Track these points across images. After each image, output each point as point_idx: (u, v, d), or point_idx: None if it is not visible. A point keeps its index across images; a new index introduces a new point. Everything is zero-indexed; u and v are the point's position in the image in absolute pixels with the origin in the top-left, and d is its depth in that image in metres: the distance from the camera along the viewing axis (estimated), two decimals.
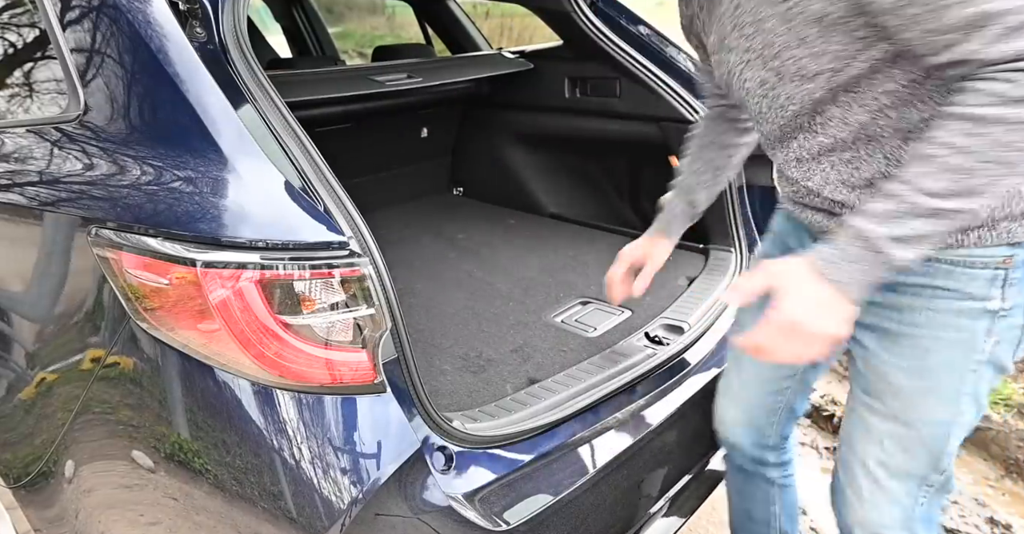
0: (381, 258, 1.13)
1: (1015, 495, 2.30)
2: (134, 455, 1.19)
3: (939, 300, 1.09)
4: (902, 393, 1.15)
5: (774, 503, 1.59)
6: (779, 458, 1.55)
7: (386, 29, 12.83)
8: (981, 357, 1.09)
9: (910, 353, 1.13)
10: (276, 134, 1.16)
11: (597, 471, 1.35)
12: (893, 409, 1.17)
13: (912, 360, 1.13)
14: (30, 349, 1.38)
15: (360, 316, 1.10)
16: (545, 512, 1.25)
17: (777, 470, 1.56)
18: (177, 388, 1.12)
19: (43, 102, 1.44)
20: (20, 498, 1.49)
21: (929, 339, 1.11)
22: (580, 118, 2.57)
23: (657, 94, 2.19)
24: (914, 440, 1.16)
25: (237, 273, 1.03)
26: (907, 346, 1.13)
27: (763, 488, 1.58)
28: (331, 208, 1.13)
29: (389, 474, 1.09)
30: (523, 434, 1.33)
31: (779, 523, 1.61)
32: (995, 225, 1.03)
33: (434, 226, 2.76)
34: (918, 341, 1.12)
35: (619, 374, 1.53)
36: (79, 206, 1.22)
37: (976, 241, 1.04)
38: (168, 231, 1.07)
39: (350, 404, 1.10)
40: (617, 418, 1.46)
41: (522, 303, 1.99)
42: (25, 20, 1.50)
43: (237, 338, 1.05)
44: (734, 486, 1.65)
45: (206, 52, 1.18)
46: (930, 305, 1.10)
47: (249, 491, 1.09)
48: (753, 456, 1.53)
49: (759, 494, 1.59)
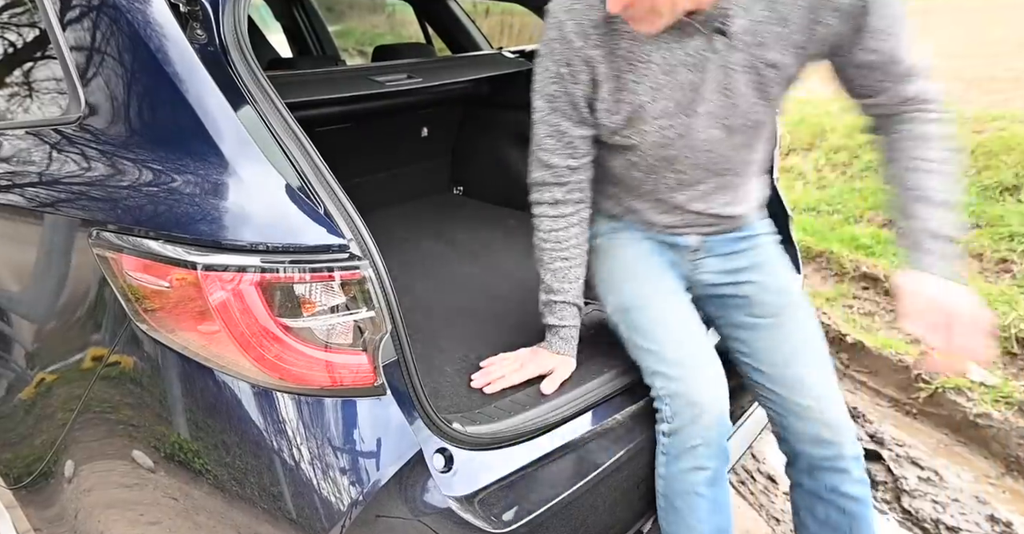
0: (381, 260, 1.13)
1: (1016, 493, 2.31)
2: (134, 455, 1.19)
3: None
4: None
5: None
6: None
7: (386, 27, 12.83)
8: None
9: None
10: (276, 136, 1.16)
11: (597, 472, 1.36)
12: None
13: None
14: (31, 350, 1.38)
15: (360, 319, 1.10)
16: (545, 513, 1.26)
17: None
18: (177, 389, 1.13)
19: (44, 104, 1.44)
20: (20, 498, 1.50)
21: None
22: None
23: None
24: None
25: (237, 276, 1.03)
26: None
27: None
28: (331, 210, 1.13)
29: (389, 476, 1.10)
30: (523, 436, 1.33)
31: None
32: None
33: (434, 226, 2.75)
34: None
35: (619, 375, 1.53)
36: (79, 208, 1.22)
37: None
38: (168, 234, 1.07)
39: (350, 406, 1.10)
40: (617, 419, 1.47)
41: (522, 304, 1.99)
42: (25, 21, 1.50)
43: (237, 340, 1.05)
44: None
45: (206, 54, 1.18)
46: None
47: (249, 492, 1.09)
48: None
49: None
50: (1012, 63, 6.25)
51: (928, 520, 2.15)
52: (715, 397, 1.38)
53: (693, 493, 1.38)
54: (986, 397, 2.54)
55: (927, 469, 2.36)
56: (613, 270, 1.61)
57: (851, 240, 3.72)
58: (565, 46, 1.35)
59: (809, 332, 1.52)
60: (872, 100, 1.38)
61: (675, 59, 1.32)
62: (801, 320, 1.53)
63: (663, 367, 1.42)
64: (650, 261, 1.60)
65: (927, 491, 2.26)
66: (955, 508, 2.20)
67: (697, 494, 1.38)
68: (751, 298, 1.56)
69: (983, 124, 4.40)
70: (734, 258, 1.61)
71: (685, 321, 1.51)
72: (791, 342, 1.50)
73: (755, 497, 2.34)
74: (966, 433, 2.55)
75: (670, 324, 1.48)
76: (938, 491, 2.26)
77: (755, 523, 2.21)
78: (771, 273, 1.59)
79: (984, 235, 3.46)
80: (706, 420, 1.35)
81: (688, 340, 1.47)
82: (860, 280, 3.45)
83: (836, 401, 1.44)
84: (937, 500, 2.23)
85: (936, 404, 2.63)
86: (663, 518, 1.43)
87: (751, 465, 2.48)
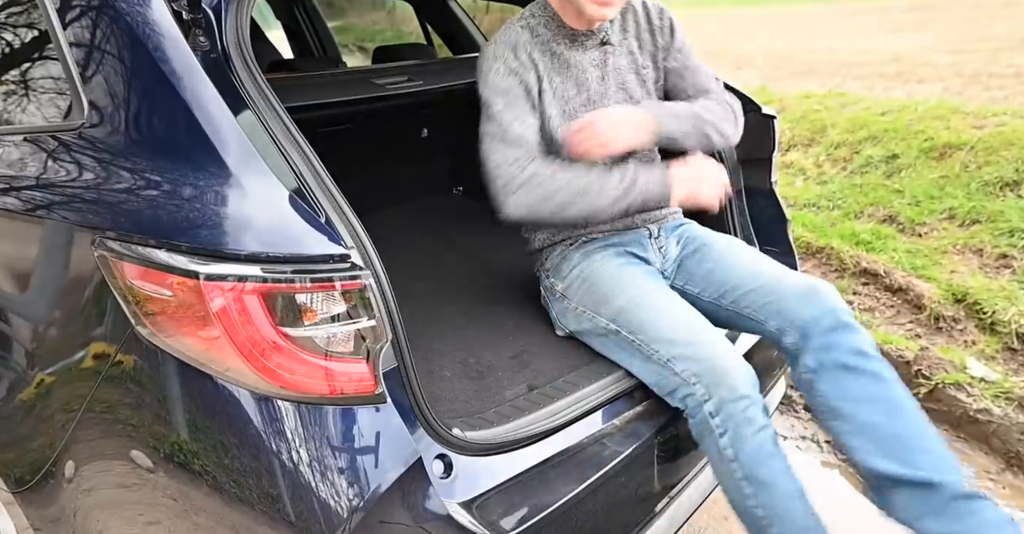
0: (382, 269, 1.14)
1: (1016, 489, 2.31)
2: (134, 456, 1.20)
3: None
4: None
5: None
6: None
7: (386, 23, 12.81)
8: None
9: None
10: (278, 143, 1.17)
11: (596, 477, 1.36)
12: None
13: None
14: (34, 353, 1.39)
15: (361, 327, 1.11)
16: (544, 519, 1.26)
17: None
18: (177, 396, 1.13)
19: (47, 112, 1.45)
20: (20, 497, 1.51)
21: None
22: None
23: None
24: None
25: (239, 285, 1.03)
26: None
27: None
28: (333, 219, 1.13)
29: (390, 483, 1.10)
30: (522, 441, 1.34)
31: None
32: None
33: (434, 226, 2.76)
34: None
35: (618, 380, 1.54)
36: (81, 215, 1.23)
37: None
38: (170, 242, 1.08)
39: (350, 414, 1.10)
40: (615, 424, 1.47)
41: (521, 306, 1.99)
42: (28, 31, 1.51)
43: (238, 348, 1.05)
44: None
45: (209, 61, 1.19)
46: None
47: (248, 495, 1.09)
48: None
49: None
50: (1012, 59, 6.24)
51: None
52: (738, 360, 1.44)
53: (770, 456, 1.37)
54: (986, 393, 2.55)
55: None
56: (597, 289, 1.68)
57: (851, 236, 3.72)
58: (517, 50, 1.67)
59: (757, 253, 1.78)
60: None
61: (585, 61, 1.72)
62: (746, 247, 1.80)
63: (678, 350, 1.46)
64: (628, 269, 1.70)
65: None
66: None
67: (773, 455, 1.38)
68: (701, 248, 1.78)
69: (983, 119, 4.40)
70: (681, 231, 1.86)
71: (679, 307, 1.59)
72: (751, 259, 1.72)
73: None
74: (966, 429, 2.55)
75: (667, 311, 1.56)
76: None
77: None
78: (707, 230, 1.88)
79: (984, 230, 3.46)
80: (741, 383, 1.39)
81: (690, 322, 1.54)
82: (860, 276, 3.44)
83: (814, 279, 1.60)
84: None
85: (936, 400, 2.63)
86: (753, 503, 1.38)
87: None
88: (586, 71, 1.72)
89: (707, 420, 1.40)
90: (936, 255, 3.42)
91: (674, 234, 1.85)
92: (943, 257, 3.41)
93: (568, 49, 1.71)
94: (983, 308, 2.93)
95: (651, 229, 1.82)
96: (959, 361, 2.71)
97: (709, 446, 1.42)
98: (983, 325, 2.91)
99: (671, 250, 1.82)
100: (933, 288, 3.13)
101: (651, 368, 1.51)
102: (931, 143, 4.30)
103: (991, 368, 2.69)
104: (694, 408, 1.42)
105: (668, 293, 1.64)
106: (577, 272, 1.74)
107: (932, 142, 4.30)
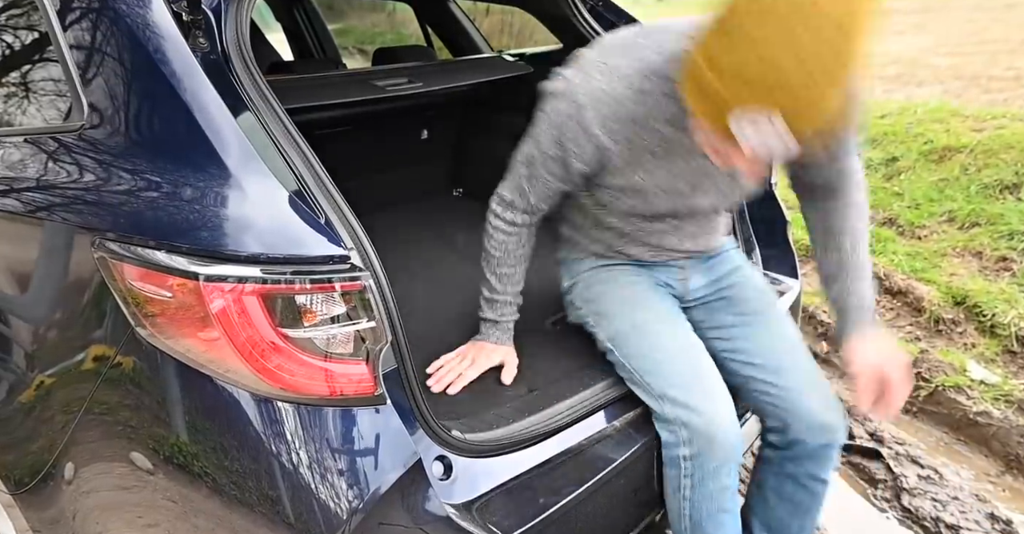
0: (382, 270, 1.13)
1: (1015, 491, 2.31)
2: (133, 457, 1.20)
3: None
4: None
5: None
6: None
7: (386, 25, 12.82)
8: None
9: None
10: (278, 145, 1.17)
11: (595, 479, 1.36)
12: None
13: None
14: (33, 354, 1.39)
15: (361, 329, 1.11)
16: (543, 521, 1.26)
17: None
18: (177, 397, 1.13)
19: (46, 113, 1.45)
20: (19, 499, 1.51)
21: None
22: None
23: None
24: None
25: (239, 286, 1.04)
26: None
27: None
28: (333, 220, 1.13)
29: (389, 484, 1.10)
30: (522, 443, 1.33)
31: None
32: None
33: (434, 228, 2.75)
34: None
35: (616, 383, 1.53)
36: (81, 217, 1.23)
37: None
38: (170, 243, 1.08)
39: (350, 416, 1.11)
40: (615, 426, 1.47)
41: (522, 309, 1.99)
42: (27, 33, 1.51)
43: (238, 350, 1.06)
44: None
45: (209, 62, 1.19)
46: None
47: (249, 498, 1.10)
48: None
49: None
50: (1012, 62, 6.24)
51: (928, 518, 2.15)
52: (730, 419, 1.39)
53: (721, 511, 1.41)
54: (986, 395, 2.55)
55: (927, 467, 2.36)
56: (604, 299, 1.62)
57: None
58: (580, 129, 1.29)
59: (791, 331, 1.60)
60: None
61: (693, 160, 1.36)
62: (783, 318, 1.62)
63: (672, 392, 1.41)
64: (642, 287, 1.62)
65: (927, 489, 2.26)
66: (955, 506, 2.20)
67: (724, 511, 1.41)
68: (735, 298, 1.63)
69: (982, 122, 4.40)
70: (716, 267, 1.67)
71: (686, 344, 1.50)
72: (779, 336, 1.57)
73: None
74: (966, 431, 2.55)
75: (671, 349, 1.48)
76: (938, 489, 2.26)
77: None
78: (749, 276, 1.68)
79: (984, 233, 3.46)
80: (725, 442, 1.37)
81: (697, 367, 1.46)
82: None
83: (830, 391, 1.51)
84: (937, 498, 2.23)
85: (936, 402, 2.63)
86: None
87: (751, 465, 2.48)
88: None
89: (678, 459, 1.40)
90: (936, 258, 3.42)
91: (708, 267, 1.68)
92: (943, 260, 3.41)
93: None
94: (983, 311, 2.93)
95: (680, 263, 1.65)
96: (959, 364, 2.71)
97: (670, 475, 1.43)
98: (983, 328, 2.91)
99: (696, 280, 1.67)
100: (933, 291, 3.13)
101: (640, 392, 1.47)
102: (931, 146, 4.29)
103: (991, 371, 2.69)
104: (670, 444, 1.41)
105: (675, 325, 1.55)
106: (587, 275, 1.67)
107: (932, 145, 4.30)
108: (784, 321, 1.61)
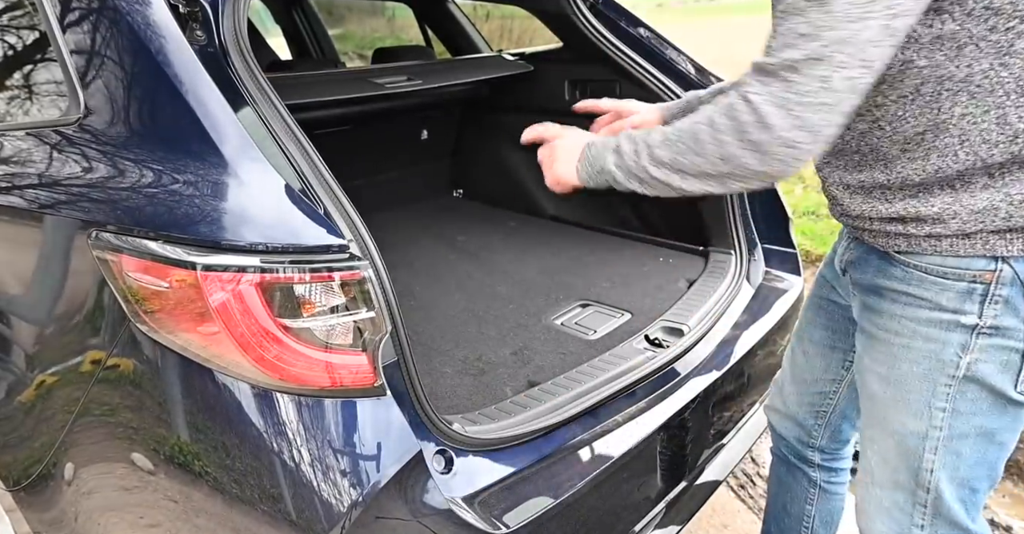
0: (381, 261, 1.13)
1: (1016, 497, 2.30)
2: (133, 457, 1.19)
3: (912, 308, 1.08)
4: (876, 399, 1.16)
5: (811, 503, 1.60)
6: (827, 461, 1.54)
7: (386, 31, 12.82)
8: (955, 372, 1.05)
9: (883, 359, 1.14)
10: (276, 136, 1.16)
11: (597, 474, 1.35)
12: (872, 414, 1.18)
13: (884, 367, 1.13)
14: (30, 352, 1.38)
15: (360, 319, 1.10)
16: (545, 515, 1.25)
17: (822, 473, 1.56)
18: (177, 390, 1.12)
19: (43, 105, 1.44)
20: (19, 500, 1.50)
21: (899, 347, 1.10)
22: (580, 120, 2.57)
23: (656, 96, 2.18)
24: (890, 448, 1.15)
25: (237, 276, 1.03)
26: (882, 352, 1.14)
27: (803, 485, 1.59)
28: (331, 211, 1.13)
29: (389, 477, 1.09)
30: (523, 437, 1.33)
31: (813, 524, 1.60)
32: (970, 236, 1.00)
33: (434, 228, 2.75)
34: (891, 348, 1.12)
35: (618, 377, 1.53)
36: (79, 209, 1.22)
37: (948, 249, 1.02)
38: (168, 234, 1.07)
39: (350, 407, 1.10)
40: (617, 421, 1.46)
41: (522, 305, 1.99)
42: (25, 23, 1.51)
43: (237, 341, 1.05)
44: (775, 474, 1.67)
45: (206, 55, 1.18)
46: (904, 313, 1.09)
47: (249, 493, 1.09)
48: (796, 451, 1.56)
49: (797, 489, 1.61)
50: None
51: None
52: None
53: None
54: None
55: None
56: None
57: None
58: None
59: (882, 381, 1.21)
60: None
61: None
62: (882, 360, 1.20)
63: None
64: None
65: None
66: None
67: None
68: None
69: None
70: (855, 251, 1.26)
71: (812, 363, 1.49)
72: (874, 385, 1.20)
73: (754, 501, 2.33)
74: None
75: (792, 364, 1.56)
76: None
77: (754, 526, 2.20)
78: (872, 273, 1.22)
79: None
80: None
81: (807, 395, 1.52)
82: None
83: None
84: None
85: None
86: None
87: (750, 469, 2.48)
88: None
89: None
90: None
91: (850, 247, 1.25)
92: None
93: None
94: None
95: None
96: None
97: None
98: None
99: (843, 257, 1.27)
100: None
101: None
102: None
103: None
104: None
105: (812, 337, 1.44)
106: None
107: None
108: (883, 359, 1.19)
